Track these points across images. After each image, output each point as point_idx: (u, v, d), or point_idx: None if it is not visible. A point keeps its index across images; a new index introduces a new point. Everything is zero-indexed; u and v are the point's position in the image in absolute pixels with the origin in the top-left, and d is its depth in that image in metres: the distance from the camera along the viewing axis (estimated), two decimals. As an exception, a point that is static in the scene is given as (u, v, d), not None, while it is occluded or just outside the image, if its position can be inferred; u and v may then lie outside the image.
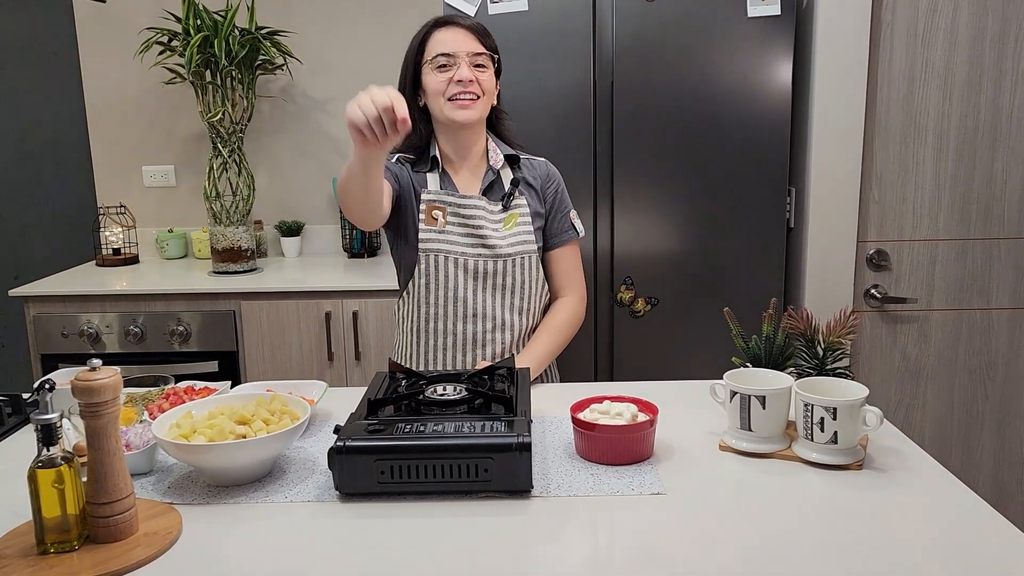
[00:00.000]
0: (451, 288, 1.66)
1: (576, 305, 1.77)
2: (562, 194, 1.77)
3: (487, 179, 1.69)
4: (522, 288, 1.68)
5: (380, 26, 3.03)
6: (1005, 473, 2.46)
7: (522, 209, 1.70)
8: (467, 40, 1.62)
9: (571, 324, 1.75)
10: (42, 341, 2.57)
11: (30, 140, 3.26)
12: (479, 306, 1.67)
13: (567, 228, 1.76)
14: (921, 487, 1.15)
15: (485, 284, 1.66)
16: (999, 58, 2.27)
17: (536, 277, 1.71)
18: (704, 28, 2.21)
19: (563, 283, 1.77)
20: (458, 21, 1.65)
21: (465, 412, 1.26)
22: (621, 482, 1.18)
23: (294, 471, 1.24)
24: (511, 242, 1.67)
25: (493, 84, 1.66)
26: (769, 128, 2.26)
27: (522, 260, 1.68)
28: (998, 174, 2.32)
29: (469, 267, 1.65)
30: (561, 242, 1.75)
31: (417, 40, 1.66)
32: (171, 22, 2.84)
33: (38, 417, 0.99)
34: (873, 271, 2.39)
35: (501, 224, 1.67)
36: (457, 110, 1.61)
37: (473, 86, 1.60)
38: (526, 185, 1.72)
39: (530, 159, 1.76)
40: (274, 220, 3.15)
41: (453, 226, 1.66)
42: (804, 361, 1.37)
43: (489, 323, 1.67)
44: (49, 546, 1.00)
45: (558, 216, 1.75)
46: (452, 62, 1.60)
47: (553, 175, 1.76)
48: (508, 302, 1.68)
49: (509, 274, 1.67)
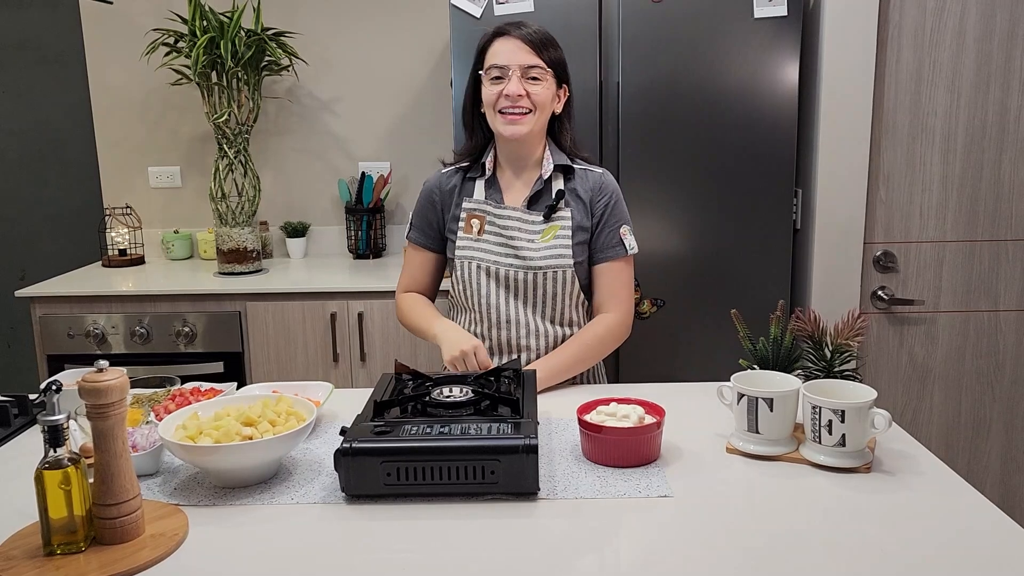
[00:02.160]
0: (483, 295, 1.67)
1: (614, 322, 1.69)
2: (614, 208, 1.69)
3: (534, 188, 1.67)
4: (554, 300, 1.67)
5: (386, 27, 3.03)
6: (1013, 475, 2.44)
7: (564, 222, 1.66)
8: (520, 52, 1.59)
9: (603, 340, 1.68)
10: (48, 342, 2.57)
11: (36, 141, 3.27)
12: (511, 313, 1.67)
13: (615, 243, 1.69)
14: (929, 490, 1.15)
15: (516, 294, 1.66)
16: (1007, 59, 2.26)
17: (571, 291, 1.67)
18: (710, 29, 2.21)
19: (605, 299, 1.70)
20: (513, 32, 1.61)
21: (472, 414, 1.25)
22: (628, 485, 1.17)
23: (300, 473, 1.24)
24: (545, 255, 1.64)
25: (548, 97, 1.62)
26: (775, 129, 2.25)
27: (555, 273, 1.65)
28: (1006, 175, 2.31)
29: (500, 276, 1.66)
30: (607, 257, 1.69)
31: (478, 50, 1.65)
32: (177, 23, 2.84)
33: (45, 418, 0.99)
34: (880, 272, 2.38)
35: (539, 235, 1.65)
36: (505, 124, 1.60)
37: (523, 100, 1.58)
38: (574, 197, 1.68)
39: (587, 170, 1.71)
40: (279, 221, 3.15)
41: (489, 235, 1.67)
42: (812, 363, 1.37)
43: (523, 329, 1.67)
44: (55, 547, 1.00)
45: (606, 230, 1.68)
46: (504, 74, 1.59)
47: (607, 188, 1.70)
48: (540, 311, 1.67)
49: (540, 286, 1.65)
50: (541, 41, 1.61)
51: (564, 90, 1.68)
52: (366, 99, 3.06)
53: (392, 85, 3.05)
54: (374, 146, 3.10)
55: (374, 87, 3.06)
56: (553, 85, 1.64)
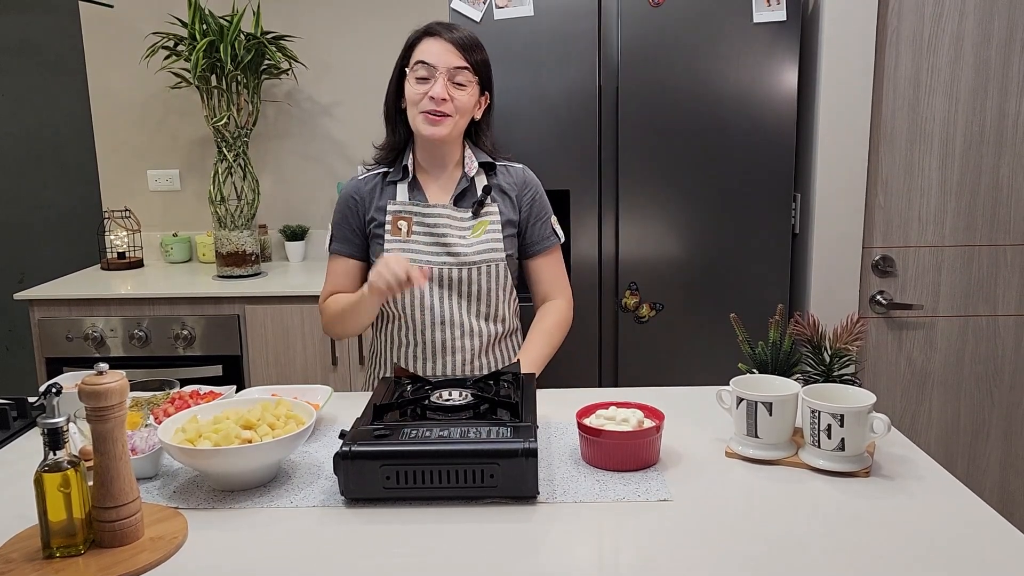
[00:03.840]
0: (417, 296, 1.66)
1: (565, 308, 1.77)
2: (540, 201, 1.75)
3: (460, 186, 1.68)
4: (488, 295, 1.67)
5: (385, 31, 3.04)
6: (1011, 480, 2.45)
7: (493, 217, 1.68)
8: (448, 54, 1.59)
9: (561, 327, 1.75)
10: (47, 344, 2.57)
11: (36, 144, 3.27)
12: (446, 313, 1.66)
13: (548, 235, 1.75)
14: (928, 494, 1.15)
15: (451, 292, 1.66)
16: (1005, 64, 2.26)
17: (504, 284, 1.69)
18: (709, 34, 2.21)
19: (549, 288, 1.77)
20: (443, 33, 1.61)
21: (471, 417, 1.26)
22: (627, 488, 1.17)
23: (299, 476, 1.24)
24: (477, 249, 1.65)
25: (471, 103, 1.63)
26: (774, 134, 2.25)
27: (488, 268, 1.66)
28: (1004, 180, 2.32)
29: (434, 274, 1.65)
30: (543, 249, 1.74)
31: (406, 45, 1.66)
32: (177, 27, 2.84)
33: (45, 421, 0.99)
34: (879, 277, 2.38)
35: (469, 232, 1.66)
36: (426, 125, 1.60)
37: (446, 104, 1.58)
38: (500, 192, 1.71)
39: (507, 166, 1.74)
40: (278, 224, 3.15)
41: (418, 235, 1.66)
42: (811, 367, 1.37)
43: (457, 330, 1.67)
44: (55, 550, 1.00)
45: (538, 224, 1.74)
46: (431, 74, 1.59)
47: (530, 182, 1.74)
48: (475, 309, 1.67)
49: (475, 282, 1.66)
50: (469, 44, 1.62)
51: (486, 97, 1.68)
52: (365, 103, 3.07)
53: (391, 89, 3.05)
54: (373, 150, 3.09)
55: (373, 91, 3.06)
56: (476, 91, 1.64)
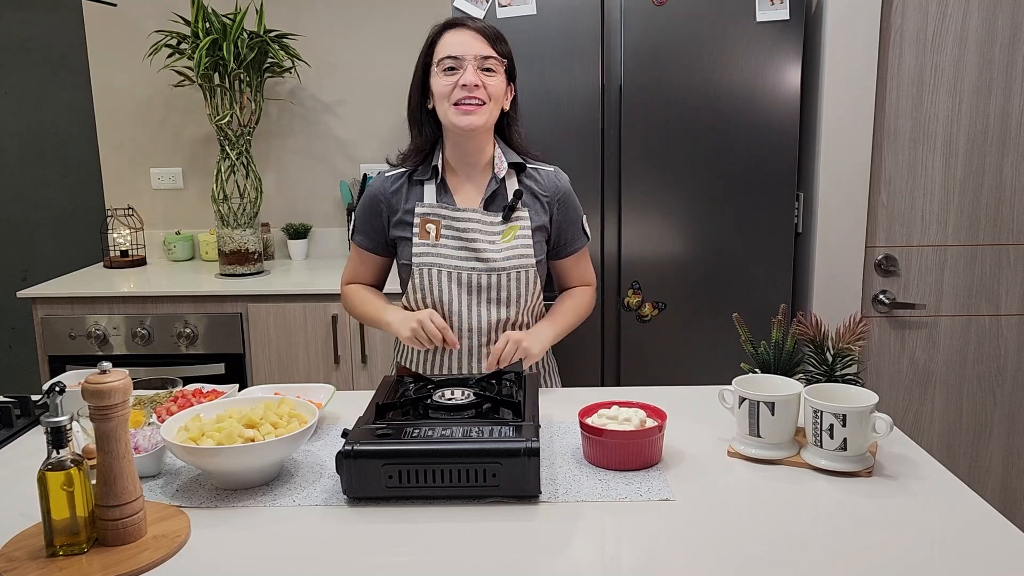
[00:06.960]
0: (445, 302, 1.64)
1: (591, 292, 1.81)
2: (572, 205, 1.73)
3: (489, 188, 1.65)
4: (517, 301, 1.66)
5: (388, 29, 3.04)
6: (1014, 480, 2.44)
7: (523, 222, 1.66)
8: (475, 43, 1.57)
9: (587, 308, 1.79)
10: (50, 342, 2.58)
11: (39, 142, 3.28)
12: (473, 320, 1.64)
13: (579, 236, 1.75)
14: (931, 494, 1.15)
15: (479, 297, 1.64)
16: (1009, 63, 2.26)
17: (532, 290, 1.67)
18: (713, 32, 2.21)
19: (576, 282, 1.81)
20: (468, 23, 1.60)
21: (473, 417, 1.26)
22: (629, 488, 1.18)
23: (302, 475, 1.24)
24: (507, 255, 1.63)
25: (502, 90, 1.61)
26: (777, 133, 2.25)
27: (517, 274, 1.64)
28: (1007, 179, 2.31)
29: (463, 280, 1.63)
30: (574, 250, 1.76)
31: (427, 42, 1.63)
32: (180, 25, 2.84)
33: (48, 419, 1.00)
34: (882, 276, 2.38)
35: (499, 236, 1.64)
36: (460, 115, 1.56)
37: (478, 91, 1.56)
38: (531, 196, 1.68)
39: (538, 168, 1.71)
40: (281, 223, 3.16)
41: (447, 239, 1.64)
42: (813, 367, 1.37)
43: (484, 337, 1.66)
44: (58, 548, 1.00)
45: (570, 228, 1.73)
46: (459, 65, 1.56)
47: (562, 187, 1.71)
48: (503, 315, 1.65)
49: (504, 288, 1.64)
50: (494, 34, 1.61)
51: (512, 87, 1.67)
52: (368, 101, 3.07)
53: (394, 87, 3.05)
54: (376, 148, 3.10)
55: (376, 89, 3.06)
56: (504, 79, 1.62)
